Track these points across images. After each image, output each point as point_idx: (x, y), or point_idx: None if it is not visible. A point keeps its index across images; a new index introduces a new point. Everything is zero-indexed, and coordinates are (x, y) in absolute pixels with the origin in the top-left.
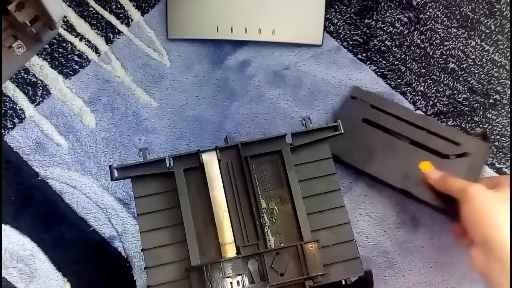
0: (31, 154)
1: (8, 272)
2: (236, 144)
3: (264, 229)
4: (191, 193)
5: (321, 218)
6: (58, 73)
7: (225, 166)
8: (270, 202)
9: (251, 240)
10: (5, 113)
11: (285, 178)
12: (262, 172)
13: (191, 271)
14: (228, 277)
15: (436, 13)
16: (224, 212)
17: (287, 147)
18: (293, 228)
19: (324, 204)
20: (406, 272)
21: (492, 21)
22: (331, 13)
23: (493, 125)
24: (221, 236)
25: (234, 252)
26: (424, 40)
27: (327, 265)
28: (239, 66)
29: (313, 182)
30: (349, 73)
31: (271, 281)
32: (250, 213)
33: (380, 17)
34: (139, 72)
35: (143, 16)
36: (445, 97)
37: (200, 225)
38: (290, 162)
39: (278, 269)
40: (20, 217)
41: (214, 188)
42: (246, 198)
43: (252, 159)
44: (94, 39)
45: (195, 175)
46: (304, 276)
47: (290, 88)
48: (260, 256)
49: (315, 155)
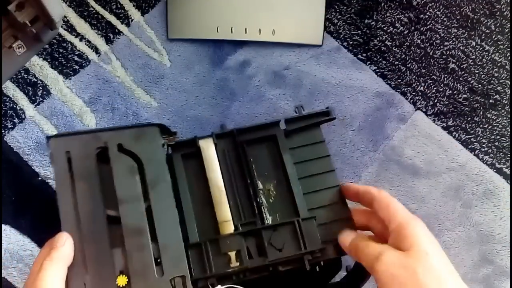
0: (31, 154)
1: (8, 272)
2: (232, 130)
3: (261, 208)
4: (189, 177)
5: (317, 197)
6: (58, 73)
7: (222, 151)
8: (267, 183)
9: (249, 218)
10: (5, 113)
11: (280, 161)
12: (258, 156)
13: (190, 249)
14: (226, 253)
15: (436, 13)
16: (221, 192)
17: (281, 132)
18: (290, 207)
19: (320, 184)
20: None
21: (492, 21)
22: (331, 13)
23: (493, 125)
24: (219, 214)
25: (232, 230)
26: (424, 40)
27: (325, 242)
28: (239, 66)
29: (307, 164)
30: (349, 73)
31: (270, 256)
32: (247, 193)
33: (380, 17)
34: (139, 72)
35: (143, 16)
36: (445, 97)
37: (198, 206)
38: (285, 146)
39: (277, 244)
40: (20, 217)
41: (211, 170)
42: (242, 180)
43: (248, 144)
44: (94, 39)
45: (193, 161)
46: (302, 251)
47: (290, 88)
48: (258, 232)
49: (309, 139)
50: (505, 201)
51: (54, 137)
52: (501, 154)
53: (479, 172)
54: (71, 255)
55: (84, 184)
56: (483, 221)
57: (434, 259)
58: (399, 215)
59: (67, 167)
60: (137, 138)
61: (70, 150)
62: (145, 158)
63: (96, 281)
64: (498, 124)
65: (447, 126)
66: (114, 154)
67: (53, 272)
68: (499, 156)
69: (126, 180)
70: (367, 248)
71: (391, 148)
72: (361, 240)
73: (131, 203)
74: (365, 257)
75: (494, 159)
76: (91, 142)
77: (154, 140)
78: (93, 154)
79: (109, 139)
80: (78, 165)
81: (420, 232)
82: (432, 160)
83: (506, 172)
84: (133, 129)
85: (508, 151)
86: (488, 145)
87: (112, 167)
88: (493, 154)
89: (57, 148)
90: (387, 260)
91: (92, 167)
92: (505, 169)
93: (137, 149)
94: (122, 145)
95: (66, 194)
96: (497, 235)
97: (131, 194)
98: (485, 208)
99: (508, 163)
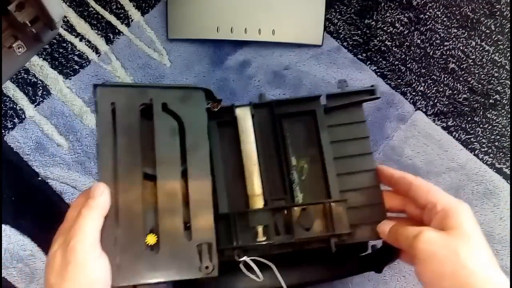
0: (31, 154)
1: (8, 272)
2: (270, 101)
3: (292, 185)
4: (223, 146)
5: (350, 179)
6: (58, 73)
7: (258, 122)
8: (300, 160)
9: (279, 194)
10: (5, 113)
11: (317, 138)
12: (294, 131)
13: (219, 219)
14: (254, 227)
15: (436, 13)
16: (254, 166)
17: (321, 108)
18: (322, 187)
19: (355, 166)
20: (406, 273)
21: (492, 21)
22: (331, 13)
23: (493, 125)
24: (250, 188)
25: (262, 204)
26: (424, 40)
27: (354, 226)
28: (239, 66)
29: (345, 144)
30: (349, 73)
31: (296, 235)
32: (279, 169)
33: (380, 17)
34: (139, 72)
35: (143, 16)
36: (445, 97)
37: (230, 176)
38: (323, 123)
39: (305, 224)
40: (20, 217)
41: (246, 142)
42: (276, 154)
43: (285, 117)
44: (94, 39)
45: (229, 129)
46: (329, 233)
47: (290, 88)
48: (287, 210)
49: (349, 118)
50: (505, 201)
51: (101, 86)
52: (501, 154)
53: (479, 172)
54: (107, 206)
55: (125, 138)
56: (483, 221)
57: (476, 242)
58: (444, 199)
59: (110, 119)
60: (182, 99)
61: (115, 101)
62: (187, 121)
63: (126, 237)
64: (498, 124)
65: (447, 126)
66: (157, 112)
67: (91, 220)
68: (499, 156)
69: (166, 140)
70: (406, 230)
71: (391, 148)
72: (400, 225)
73: (169, 164)
74: (404, 238)
75: (494, 159)
76: (137, 97)
77: (199, 104)
78: (137, 109)
79: (155, 96)
80: (122, 118)
81: (466, 214)
82: (432, 160)
83: (506, 172)
84: (180, 90)
85: (508, 151)
86: (488, 145)
87: (154, 125)
88: (493, 154)
89: (103, 98)
90: (428, 237)
91: (134, 122)
92: (505, 169)
93: (181, 111)
94: (166, 104)
95: (107, 146)
96: (497, 235)
97: (170, 155)
98: (485, 208)
99: (508, 163)
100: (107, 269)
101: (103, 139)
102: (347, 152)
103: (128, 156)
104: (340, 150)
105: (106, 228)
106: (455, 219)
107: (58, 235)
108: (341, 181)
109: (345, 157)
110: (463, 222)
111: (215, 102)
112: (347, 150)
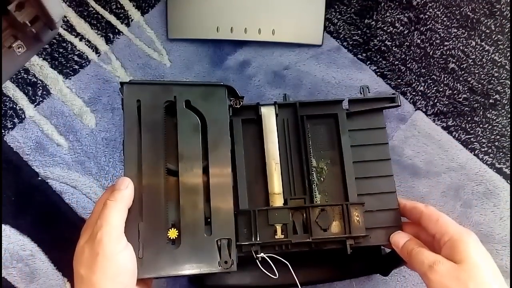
0: (31, 154)
1: (8, 272)
2: (295, 102)
3: (312, 186)
4: (246, 143)
5: (368, 184)
6: (58, 73)
7: (282, 122)
8: (320, 161)
9: (299, 194)
10: (5, 113)
11: (338, 141)
12: (316, 132)
13: (239, 215)
14: (273, 225)
15: (436, 13)
16: (276, 164)
17: (343, 112)
18: (340, 189)
19: (373, 171)
20: (406, 273)
21: (492, 21)
22: (331, 13)
23: (493, 125)
24: (270, 186)
25: (281, 203)
26: (424, 40)
27: (369, 229)
28: (239, 66)
29: (364, 149)
30: (349, 73)
31: (314, 234)
32: (300, 169)
33: (380, 17)
34: (139, 72)
35: (143, 16)
36: (445, 97)
37: (251, 174)
38: (345, 126)
39: (322, 224)
40: (20, 217)
41: (269, 140)
42: (298, 154)
43: (308, 119)
44: (94, 39)
45: (253, 127)
46: (346, 234)
47: (290, 88)
48: (306, 210)
49: (369, 123)
50: (505, 201)
51: (128, 84)
52: (501, 154)
53: (479, 172)
54: (131, 200)
55: (150, 134)
56: (483, 221)
57: (485, 273)
58: (451, 229)
59: (136, 116)
60: (205, 96)
61: (141, 99)
62: (210, 118)
63: (149, 230)
64: (498, 124)
65: (447, 126)
66: (181, 109)
67: (117, 212)
68: (499, 156)
69: (189, 137)
70: (421, 255)
71: (391, 148)
72: (414, 245)
73: (191, 160)
74: (419, 264)
75: (494, 159)
76: (162, 94)
77: (221, 101)
78: (161, 106)
79: (179, 94)
80: (147, 115)
81: (473, 245)
82: (432, 160)
83: (506, 172)
84: (202, 87)
85: (508, 151)
86: (488, 145)
87: (177, 122)
88: (493, 154)
89: (130, 95)
90: (441, 270)
91: (159, 119)
92: (505, 169)
93: (204, 108)
94: (190, 101)
95: (132, 142)
96: (497, 235)
97: (192, 151)
98: (485, 208)
99: (508, 163)
100: (133, 259)
101: (128, 136)
102: (366, 156)
103: (152, 152)
104: (360, 155)
105: (129, 221)
106: (463, 252)
107: (86, 228)
108: (359, 185)
109: (364, 162)
110: (471, 253)
111: (238, 98)
112: (366, 155)
